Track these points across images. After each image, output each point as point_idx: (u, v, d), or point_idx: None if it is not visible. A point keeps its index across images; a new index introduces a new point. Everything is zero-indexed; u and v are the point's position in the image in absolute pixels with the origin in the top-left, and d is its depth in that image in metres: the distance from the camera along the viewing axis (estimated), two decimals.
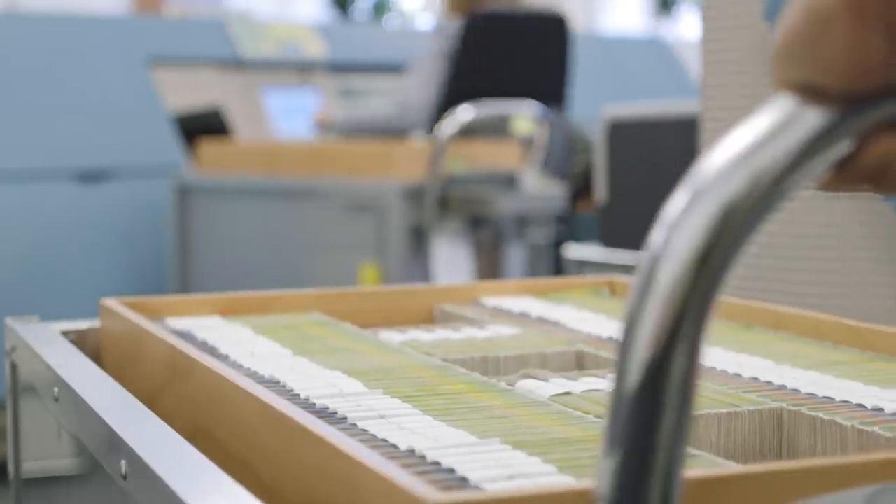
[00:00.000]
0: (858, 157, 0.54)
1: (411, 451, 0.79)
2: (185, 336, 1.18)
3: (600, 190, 3.16)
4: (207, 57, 5.20)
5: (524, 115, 4.45)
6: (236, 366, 1.06)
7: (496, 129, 4.45)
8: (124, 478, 0.85)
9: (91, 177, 4.51)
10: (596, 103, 4.00)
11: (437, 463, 0.76)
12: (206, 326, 1.22)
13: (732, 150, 0.55)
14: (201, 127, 4.95)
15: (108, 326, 1.26)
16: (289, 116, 5.35)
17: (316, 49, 5.53)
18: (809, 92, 0.54)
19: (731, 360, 1.05)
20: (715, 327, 1.19)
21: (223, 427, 0.95)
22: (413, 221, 3.76)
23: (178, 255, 4.40)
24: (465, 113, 3.97)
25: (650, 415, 0.53)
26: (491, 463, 0.76)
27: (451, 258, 3.86)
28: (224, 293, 1.32)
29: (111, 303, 1.25)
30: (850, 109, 0.54)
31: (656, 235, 0.54)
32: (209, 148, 4.48)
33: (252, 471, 0.88)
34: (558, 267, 3.94)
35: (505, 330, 1.21)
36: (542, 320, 1.26)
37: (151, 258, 4.57)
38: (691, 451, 0.78)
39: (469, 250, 3.91)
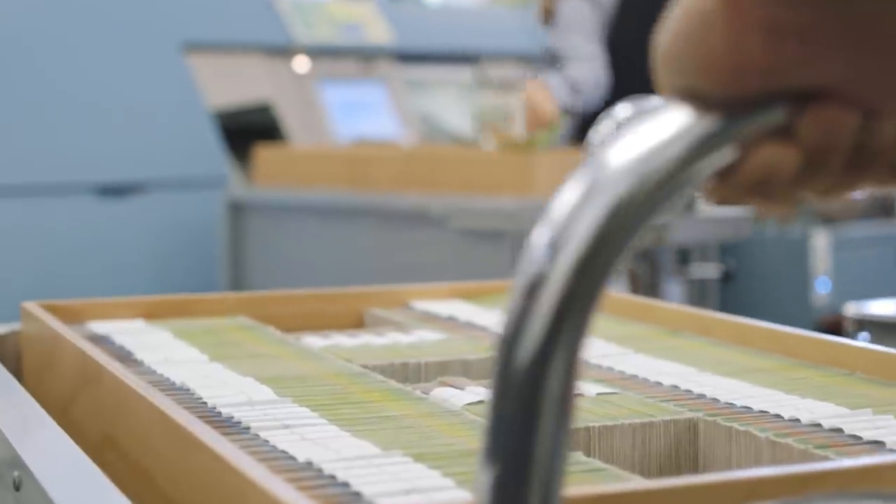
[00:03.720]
0: (741, 166, 0.52)
1: (309, 464, 0.76)
2: (103, 341, 1.15)
3: None
4: (252, 42, 4.19)
5: None
6: (149, 372, 1.03)
7: None
8: (17, 489, 0.83)
9: (115, 190, 3.60)
10: None
11: (332, 477, 0.74)
12: (127, 330, 1.20)
13: (616, 157, 0.53)
14: (247, 127, 4.00)
15: (28, 330, 1.23)
16: (349, 115, 4.28)
17: (380, 34, 4.51)
18: (691, 97, 0.52)
19: (654, 368, 1.03)
20: (643, 333, 1.17)
21: (127, 436, 0.92)
22: None
23: (230, 287, 3.41)
24: (623, 111, 2.93)
25: (528, 424, 0.51)
26: (389, 477, 0.74)
27: None
28: (148, 296, 1.29)
29: (31, 305, 1.23)
30: (733, 116, 0.52)
31: (538, 236, 0.52)
32: (268, 154, 3.48)
33: (153, 481, 0.86)
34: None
35: (430, 335, 1.19)
36: (469, 325, 1.24)
37: (192, 288, 3.41)
38: (598, 464, 0.77)
39: (623, 288, 2.98)
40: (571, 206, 0.52)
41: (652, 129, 0.53)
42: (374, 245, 3.01)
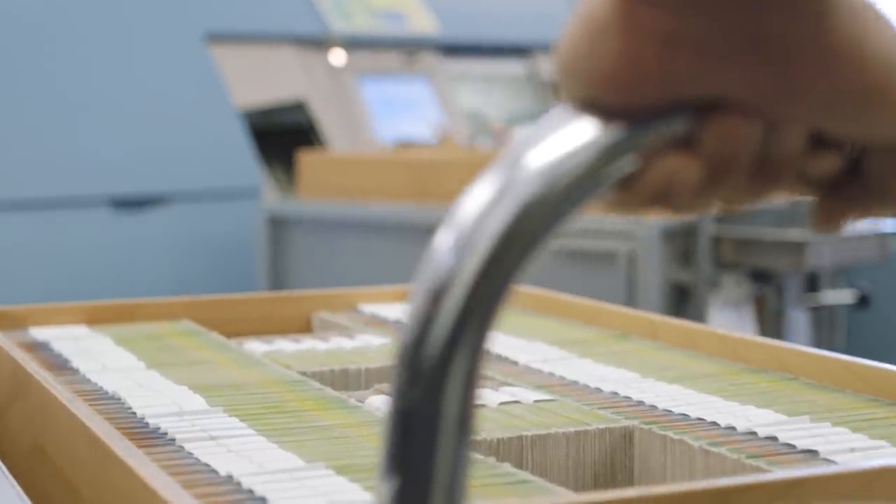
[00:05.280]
0: (642, 176, 0.50)
1: (229, 478, 0.75)
2: (42, 347, 1.13)
3: None
4: (283, 33, 3.72)
5: None
6: (84, 381, 1.01)
7: None
8: None
9: (133, 203, 3.14)
10: None
11: (250, 491, 0.72)
12: (68, 337, 1.18)
13: (514, 169, 0.51)
14: (279, 128, 3.57)
15: None
16: (390, 113, 3.85)
17: (424, 24, 4.09)
18: (590, 107, 0.50)
19: (596, 373, 1.02)
20: (590, 337, 1.16)
21: (54, 446, 0.90)
22: (675, 278, 2.55)
23: None
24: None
25: (428, 433, 0.49)
26: (308, 491, 0.72)
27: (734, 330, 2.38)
28: (91, 301, 1.27)
29: None
30: (634, 126, 0.50)
31: (441, 241, 0.50)
32: (312, 161, 3.06)
33: (77, 493, 0.84)
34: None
35: (375, 340, 1.17)
36: None
37: None
38: (525, 475, 0.75)
39: (749, 316, 2.67)
40: (476, 209, 0.50)
41: (555, 139, 0.52)
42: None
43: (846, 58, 0.50)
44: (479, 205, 0.51)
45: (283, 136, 3.51)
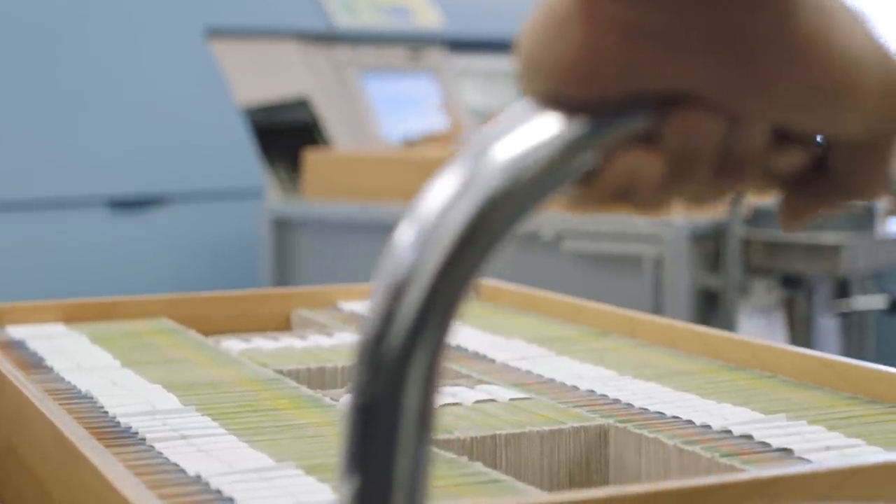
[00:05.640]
0: (603, 171, 0.50)
1: (198, 478, 0.74)
2: (18, 346, 1.13)
3: None
4: (285, 28, 3.59)
5: None
6: (58, 379, 1.00)
7: None
8: None
9: (131, 204, 2.98)
10: None
11: (218, 491, 0.72)
12: (44, 335, 1.17)
13: (475, 164, 0.51)
14: (281, 126, 3.46)
15: None
16: (396, 111, 3.71)
17: (430, 19, 3.96)
18: (552, 101, 0.50)
19: (573, 371, 1.01)
20: (569, 334, 1.15)
21: (26, 446, 0.90)
22: (703, 283, 2.43)
23: None
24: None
25: (388, 432, 0.49)
26: (277, 491, 0.71)
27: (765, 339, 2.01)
28: (70, 299, 1.26)
29: None
30: (596, 120, 0.50)
31: (402, 236, 0.50)
32: (318, 160, 2.95)
33: (48, 494, 0.84)
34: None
35: (353, 338, 1.16)
36: None
37: None
38: (497, 475, 0.74)
39: (782, 325, 2.53)
40: (438, 205, 0.50)
41: (516, 134, 0.51)
42: None
43: (812, 54, 0.49)
44: (441, 200, 0.50)
45: (285, 134, 3.38)
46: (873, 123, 0.51)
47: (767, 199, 2.27)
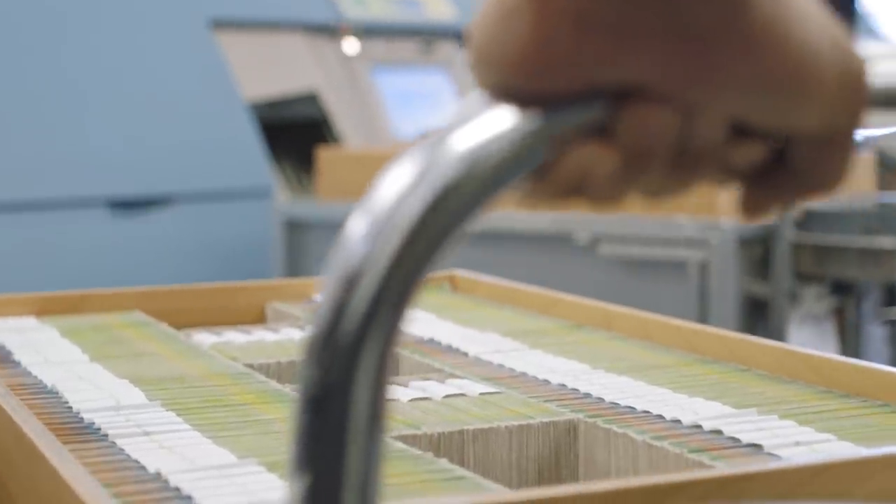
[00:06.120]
0: (557, 165, 0.49)
1: (157, 475, 0.73)
2: None
3: None
4: (292, 20, 3.43)
5: None
6: (24, 374, 0.99)
7: None
8: None
9: (132, 205, 2.80)
10: None
11: (177, 489, 0.70)
12: (15, 328, 1.16)
13: (427, 158, 0.50)
14: (289, 122, 3.32)
15: None
16: (407, 106, 3.56)
17: (442, 10, 3.82)
18: (503, 93, 0.49)
19: (545, 365, 1.00)
20: (544, 327, 1.14)
21: None
22: (750, 290, 2.29)
23: None
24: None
25: (338, 425, 0.47)
26: (237, 489, 0.70)
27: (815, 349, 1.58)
28: (41, 292, 1.25)
29: None
30: (549, 113, 0.49)
31: (353, 228, 0.49)
32: (332, 158, 2.79)
33: (8, 492, 0.83)
34: None
35: None
36: None
37: None
38: (461, 472, 0.73)
39: (833, 335, 2.39)
40: (390, 198, 0.49)
41: (468, 128, 0.50)
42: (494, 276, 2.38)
43: (768, 45, 0.48)
44: (393, 193, 0.49)
45: (292, 131, 3.24)
46: (832, 116, 0.50)
47: (819, 202, 2.19)
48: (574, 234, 2.35)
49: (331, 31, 3.53)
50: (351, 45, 3.60)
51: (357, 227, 0.49)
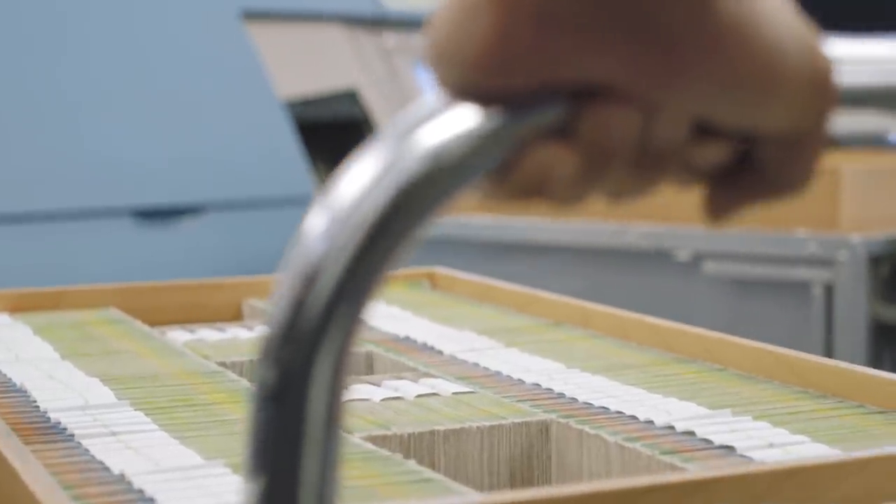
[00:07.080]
0: (516, 166, 0.48)
1: (121, 477, 0.72)
2: None
3: None
4: (330, 11, 3.18)
5: None
6: None
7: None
8: None
9: (159, 214, 2.55)
10: None
11: (141, 491, 0.69)
12: None
13: (386, 155, 0.49)
14: (327, 121, 3.09)
15: None
16: None
17: None
18: (462, 91, 0.48)
19: (520, 364, 0.99)
20: (521, 325, 1.13)
21: None
22: (880, 314, 2.06)
23: None
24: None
25: (294, 426, 0.47)
26: (202, 491, 0.69)
27: None
28: (16, 288, 1.24)
29: None
30: (505, 112, 0.48)
31: (310, 225, 0.48)
32: None
33: None
34: None
35: None
36: None
37: None
38: (429, 474, 0.73)
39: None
40: (349, 195, 0.48)
41: (427, 126, 0.49)
42: (582, 296, 1.89)
43: (734, 44, 0.47)
44: (352, 190, 0.48)
45: (329, 130, 3.05)
46: (800, 117, 0.49)
47: None
48: (674, 250, 2.17)
49: (371, 23, 3.29)
50: (391, 39, 3.35)
51: (316, 223, 0.48)
